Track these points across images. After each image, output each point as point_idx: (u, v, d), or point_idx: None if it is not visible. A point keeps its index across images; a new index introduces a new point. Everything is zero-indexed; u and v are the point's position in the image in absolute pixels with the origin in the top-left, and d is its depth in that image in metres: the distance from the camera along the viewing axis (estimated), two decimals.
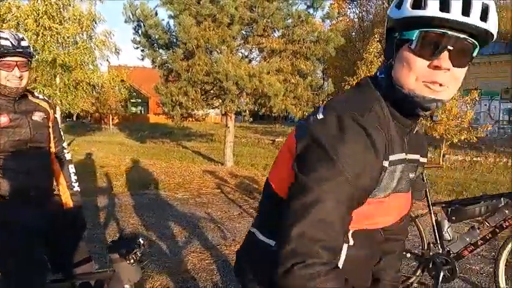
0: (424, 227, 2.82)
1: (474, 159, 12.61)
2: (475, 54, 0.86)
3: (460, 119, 11.84)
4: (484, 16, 0.79)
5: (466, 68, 0.87)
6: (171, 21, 9.28)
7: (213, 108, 10.45)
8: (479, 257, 3.53)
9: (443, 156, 12.30)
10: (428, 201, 2.72)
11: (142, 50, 9.79)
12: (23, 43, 1.78)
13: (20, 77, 1.78)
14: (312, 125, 0.87)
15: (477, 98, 12.48)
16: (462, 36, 0.80)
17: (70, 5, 13.30)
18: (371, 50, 14.69)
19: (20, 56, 1.77)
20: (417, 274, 2.74)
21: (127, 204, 5.37)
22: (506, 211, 2.44)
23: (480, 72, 19.82)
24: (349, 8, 31.37)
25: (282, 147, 1.00)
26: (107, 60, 15.65)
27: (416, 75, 0.83)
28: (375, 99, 0.89)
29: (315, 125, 0.86)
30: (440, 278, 2.53)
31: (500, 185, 7.46)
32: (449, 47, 0.81)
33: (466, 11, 0.78)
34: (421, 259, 2.69)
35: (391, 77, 0.88)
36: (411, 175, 0.97)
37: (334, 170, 0.79)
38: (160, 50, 9.74)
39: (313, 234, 0.79)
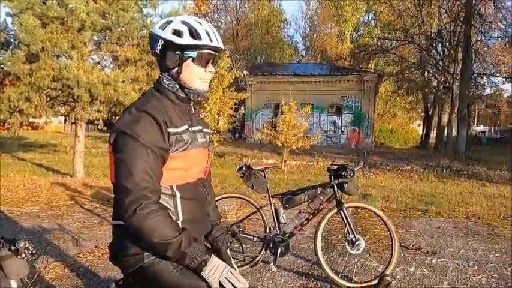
0: (266, 215, 3.49)
1: (308, 163, 14.64)
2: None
3: (297, 129, 13.76)
4: (219, 40, 1.43)
5: None
6: (9, 19, 8.36)
7: (61, 115, 9.70)
8: (307, 238, 4.45)
9: (285, 161, 14.03)
10: (268, 194, 3.41)
11: None
12: None
13: None
14: (116, 124, 1.35)
15: (310, 112, 14.70)
16: (214, 53, 1.44)
17: None
18: (222, 64, 15.76)
19: None
20: (261, 253, 3.39)
21: None
22: (321, 197, 3.28)
23: (312, 89, 23.21)
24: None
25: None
26: None
27: (199, 77, 1.42)
28: (153, 97, 1.43)
29: (118, 123, 1.37)
30: (278, 253, 3.22)
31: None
32: (211, 60, 1.44)
33: (218, 40, 1.42)
34: (264, 241, 3.35)
35: (179, 80, 1.43)
36: (202, 139, 1.51)
37: (139, 144, 1.28)
38: None
39: (142, 185, 1.26)
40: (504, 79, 23.43)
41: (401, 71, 25.69)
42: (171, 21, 1.41)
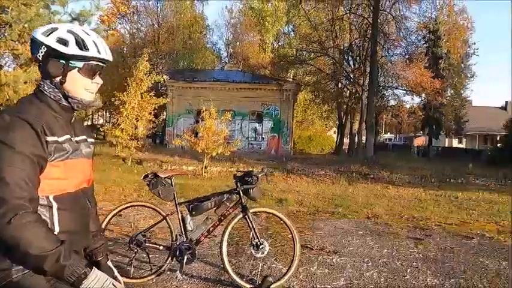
0: (173, 223, 3.46)
1: (229, 169, 14.73)
2: None
3: (217, 135, 13.82)
4: (107, 52, 1.44)
5: None
6: None
7: None
8: (219, 243, 4.48)
9: (206, 168, 13.99)
10: (175, 201, 3.38)
11: None
12: None
13: None
14: None
15: (230, 119, 14.87)
16: (102, 64, 1.44)
17: None
18: (141, 68, 15.28)
19: None
20: (167, 262, 3.35)
21: None
22: (228, 203, 3.35)
23: (234, 96, 23.55)
24: (120, 23, 31.31)
25: None
26: None
27: (84, 88, 1.40)
28: (31, 104, 1.36)
29: None
30: (184, 261, 3.21)
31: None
32: (99, 71, 1.44)
33: (105, 52, 1.42)
34: (170, 249, 3.32)
35: (63, 89, 1.39)
36: (86, 149, 1.49)
37: (14, 151, 1.22)
38: None
39: (17, 194, 1.19)
40: (405, 92, 26.10)
41: (318, 81, 27.25)
42: (56, 29, 1.37)
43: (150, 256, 3.45)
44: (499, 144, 27.47)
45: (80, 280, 1.24)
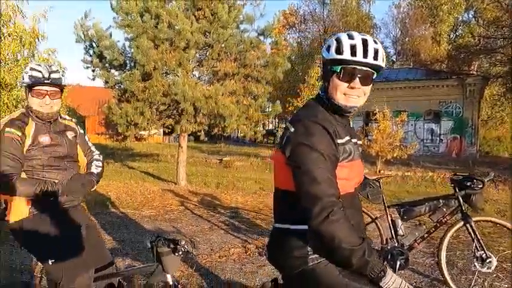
0: (382, 226, 3.40)
1: (405, 174, 13.82)
2: (374, 77, 1.47)
3: (392, 138, 13.13)
4: (375, 56, 1.40)
5: (370, 86, 1.48)
6: (127, 43, 9.44)
7: (167, 128, 10.59)
8: (421, 252, 4.20)
9: (379, 171, 13.45)
10: (384, 204, 3.31)
11: (93, 70, 9.77)
12: (54, 75, 2.05)
13: (49, 104, 2.05)
14: (290, 136, 1.41)
15: (405, 119, 13.94)
16: (365, 68, 1.41)
17: (10, 21, 12.77)
18: (312, 74, 15.83)
19: (49, 86, 2.04)
20: None
21: (95, 223, 5.43)
22: (444, 209, 3.10)
23: (405, 95, 21.99)
24: (289, 34, 33.14)
25: (274, 162, 1.53)
26: None
27: (342, 92, 1.42)
28: (318, 109, 1.47)
29: (292, 135, 1.42)
30: (397, 266, 3.10)
31: (428, 196, 8.53)
32: (358, 75, 1.41)
33: (365, 55, 1.39)
34: (380, 252, 3.25)
35: (327, 94, 1.46)
36: (358, 151, 1.54)
37: (317, 153, 1.34)
38: (113, 71, 9.79)
39: (329, 192, 1.31)
40: None
41: (511, 72, 23.01)
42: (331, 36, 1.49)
43: None
44: None
45: (379, 277, 1.29)
